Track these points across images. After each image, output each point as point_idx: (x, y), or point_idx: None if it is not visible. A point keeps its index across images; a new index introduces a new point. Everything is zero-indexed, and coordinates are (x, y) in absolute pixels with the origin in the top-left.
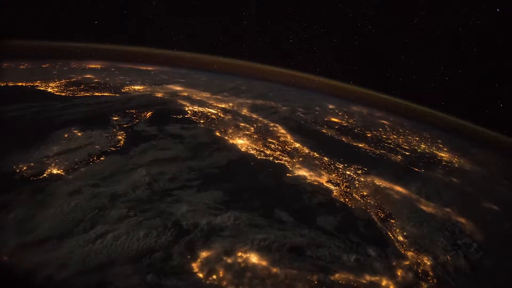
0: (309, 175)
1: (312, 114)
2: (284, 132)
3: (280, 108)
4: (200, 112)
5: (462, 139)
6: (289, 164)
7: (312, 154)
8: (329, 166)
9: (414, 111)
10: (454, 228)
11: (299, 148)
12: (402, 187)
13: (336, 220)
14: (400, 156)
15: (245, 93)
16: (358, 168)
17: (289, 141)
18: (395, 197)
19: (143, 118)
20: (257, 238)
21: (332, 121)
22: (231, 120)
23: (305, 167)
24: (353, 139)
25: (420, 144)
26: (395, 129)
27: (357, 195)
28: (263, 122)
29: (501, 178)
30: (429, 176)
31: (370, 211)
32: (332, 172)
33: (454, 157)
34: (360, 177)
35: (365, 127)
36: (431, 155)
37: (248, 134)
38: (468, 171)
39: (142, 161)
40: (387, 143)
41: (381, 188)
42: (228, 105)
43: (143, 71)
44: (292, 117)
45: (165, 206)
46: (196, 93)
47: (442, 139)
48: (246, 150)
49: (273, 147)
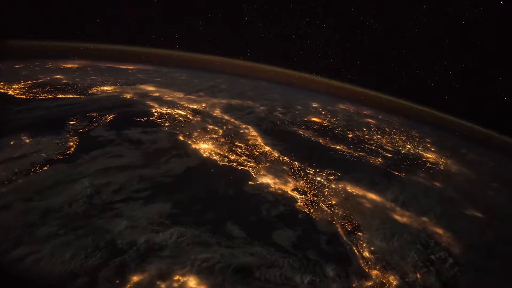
0: (274, 182)
1: (291, 114)
2: (255, 134)
3: (257, 108)
4: (167, 114)
5: (456, 138)
6: (253, 170)
7: (282, 159)
8: (298, 171)
9: (407, 109)
10: (428, 240)
11: (269, 152)
12: (377, 194)
13: (295, 234)
14: (380, 158)
15: (224, 92)
16: (330, 174)
17: (259, 144)
18: (366, 206)
19: (103, 121)
20: (200, 258)
21: (312, 121)
22: (199, 123)
23: (270, 173)
24: (331, 140)
25: (405, 144)
26: (381, 129)
27: (324, 204)
28: (235, 123)
29: (490, 181)
30: (410, 181)
31: (336, 223)
32: (300, 178)
33: (441, 158)
34: (331, 184)
35: (348, 126)
36: (416, 156)
37: (214, 138)
38: (454, 174)
39: (89, 170)
40: (368, 144)
41: (352, 196)
42: (200, 105)
43: (121, 70)
44: (268, 118)
45: (102, 223)
46: (169, 93)
47: (432, 137)
48: (209, 155)
49: (240, 151)
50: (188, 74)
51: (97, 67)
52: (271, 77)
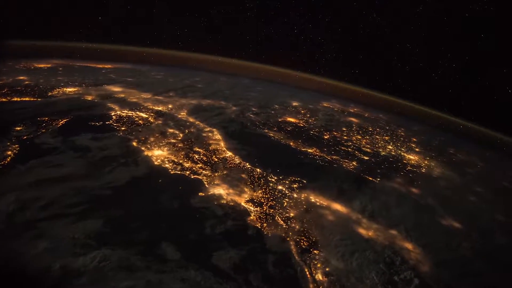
0: (227, 193)
1: (265, 114)
2: (218, 138)
3: (229, 109)
4: (126, 117)
5: (448, 137)
6: (207, 179)
7: (243, 165)
8: (258, 180)
9: (401, 107)
10: (394, 258)
11: (230, 157)
12: (343, 204)
13: (240, 254)
14: (355, 162)
15: (197, 92)
16: (294, 181)
17: (221, 149)
18: (328, 219)
19: (53, 127)
20: (121, 286)
21: (287, 122)
22: (159, 126)
23: (226, 182)
24: (304, 143)
25: (387, 145)
26: (363, 128)
27: (280, 217)
28: (199, 126)
29: (474, 185)
30: (383, 187)
31: (290, 239)
32: (259, 188)
33: (424, 159)
34: (293, 193)
35: (326, 127)
36: (396, 158)
37: (172, 143)
38: (435, 178)
39: (21, 183)
40: (345, 147)
41: (314, 207)
42: (166, 107)
43: (95, 69)
44: (238, 119)
45: (18, 244)
46: (136, 94)
47: (420, 137)
48: (161, 163)
49: (197, 158)
50: (167, 73)
51: (70, 67)
52: (261, 75)
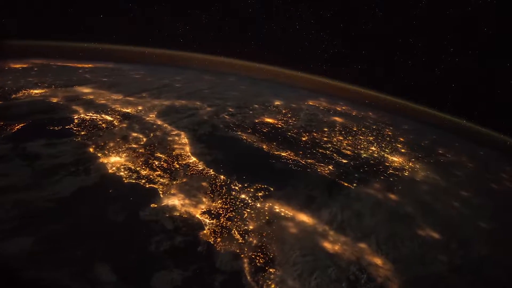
0: (182, 204)
1: (242, 114)
2: (185, 142)
3: (203, 110)
4: (90, 120)
5: (441, 136)
6: (163, 188)
7: (206, 172)
8: (220, 188)
9: (397, 105)
10: (360, 275)
11: (193, 163)
12: (310, 215)
13: (184, 275)
14: (332, 166)
15: (174, 91)
16: (260, 189)
17: (185, 154)
18: (291, 232)
19: (6, 132)
20: None
21: (264, 123)
22: (123, 130)
23: (183, 192)
24: (278, 146)
25: (370, 146)
26: (346, 128)
27: (238, 231)
28: (166, 129)
29: (460, 189)
30: (358, 194)
31: (244, 256)
32: (219, 197)
33: (409, 161)
34: (257, 203)
35: (306, 127)
36: (378, 160)
37: (132, 148)
38: (418, 182)
39: None
40: (323, 149)
41: (278, 218)
42: (135, 109)
43: (72, 69)
44: (211, 121)
45: None
46: (106, 95)
47: (408, 136)
48: (115, 171)
49: (157, 164)
50: (148, 72)
51: (47, 67)
52: (251, 73)
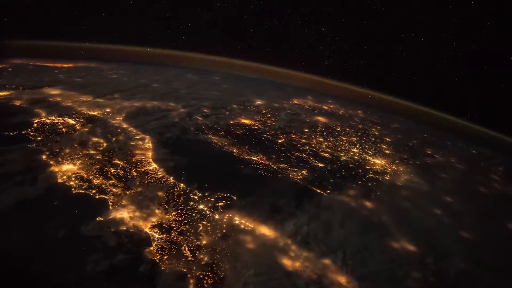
0: (131, 217)
1: (217, 116)
2: (148, 147)
3: (176, 111)
4: (50, 124)
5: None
6: (114, 199)
7: (165, 180)
8: (177, 198)
9: (388, 102)
10: None
11: (152, 171)
12: (272, 227)
13: None
14: (306, 170)
15: (149, 92)
16: (222, 198)
17: (146, 160)
18: (248, 247)
19: None
20: None
21: (240, 124)
22: (84, 134)
23: (135, 203)
24: (250, 149)
25: (352, 147)
26: (329, 128)
27: (188, 247)
28: (130, 133)
29: (445, 194)
30: (330, 202)
31: (192, 276)
32: (175, 208)
33: (392, 164)
34: (215, 214)
35: (285, 128)
36: (358, 163)
37: (89, 155)
38: (398, 187)
39: None
40: (299, 151)
41: (236, 232)
42: (102, 111)
43: (48, 69)
44: (182, 123)
45: None
46: (75, 96)
47: (396, 136)
48: (65, 180)
49: (112, 172)
50: (128, 71)
51: (23, 67)
52: (242, 71)
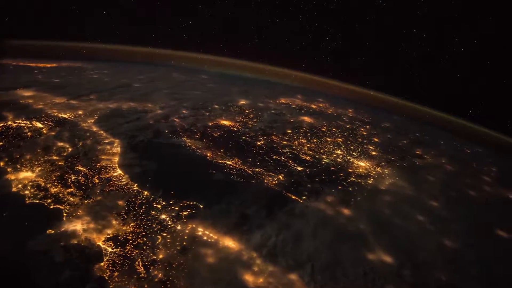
0: (85, 229)
1: (195, 117)
2: (116, 151)
3: (152, 112)
4: (16, 128)
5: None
6: (70, 209)
7: (128, 187)
8: (139, 207)
9: (384, 100)
10: None
11: (116, 177)
12: (237, 238)
13: None
14: (282, 175)
15: (128, 92)
16: (188, 207)
17: (111, 166)
18: (208, 261)
19: None
20: None
21: (219, 126)
22: (49, 139)
23: (91, 213)
24: (226, 152)
25: (336, 149)
26: (314, 129)
27: (143, 262)
28: (99, 137)
29: (430, 198)
30: (305, 210)
31: None
32: (134, 218)
33: (377, 166)
34: (178, 225)
35: (266, 130)
36: (341, 166)
37: (51, 160)
38: (381, 191)
39: None
40: (278, 154)
41: (196, 244)
42: (73, 113)
43: (28, 69)
44: (156, 125)
45: None
46: (48, 98)
47: (385, 136)
48: (20, 189)
49: (73, 179)
50: (112, 71)
51: (2, 67)
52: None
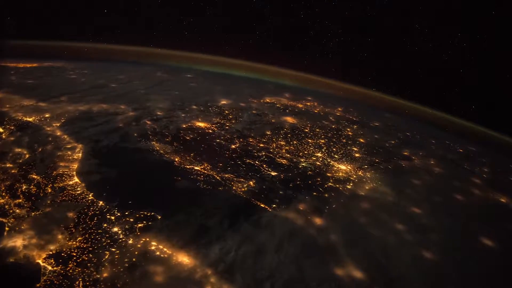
0: (26, 244)
1: (169, 119)
2: (77, 157)
3: (124, 114)
4: None
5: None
6: (13, 223)
7: (83, 197)
8: (90, 219)
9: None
10: None
11: (72, 186)
12: (193, 253)
13: None
14: (254, 181)
15: (101, 94)
16: (143, 218)
17: (68, 174)
18: (156, 280)
19: None
20: None
21: (193, 128)
22: (7, 144)
23: (35, 227)
24: (196, 157)
25: (316, 151)
26: (295, 130)
27: (84, 281)
28: (62, 142)
29: (413, 204)
30: (272, 219)
31: None
32: (83, 232)
33: (359, 169)
34: (130, 238)
35: (243, 131)
36: (319, 170)
37: (3, 168)
38: (359, 198)
39: None
40: (253, 158)
41: (147, 260)
42: (39, 117)
43: (4, 70)
44: (126, 128)
45: None
46: (16, 100)
47: (372, 136)
48: None
49: (23, 189)
50: (91, 71)
51: None
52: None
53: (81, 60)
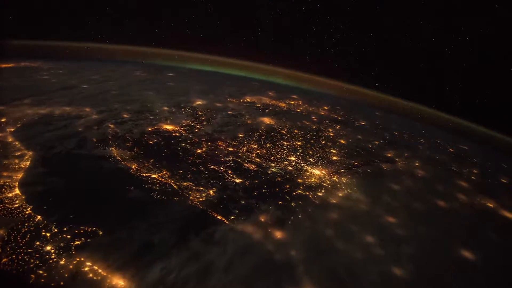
0: None
1: (135, 121)
2: (24, 166)
3: (87, 117)
4: None
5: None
6: None
7: (19, 211)
8: (22, 236)
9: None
10: None
11: (11, 199)
12: (130, 275)
13: None
14: (214, 189)
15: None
16: (83, 234)
17: (9, 185)
18: None
19: None
20: None
21: (160, 131)
22: None
23: None
24: (155, 163)
25: (290, 155)
26: (271, 131)
27: None
28: (11, 149)
29: (388, 213)
30: (227, 234)
31: None
32: (11, 251)
33: (335, 174)
34: (62, 258)
35: (213, 134)
36: (290, 176)
37: None
38: (329, 206)
39: None
40: (217, 164)
41: (77, 283)
42: None
43: None
44: (85, 133)
45: None
46: None
47: (355, 136)
48: None
49: None
50: (67, 71)
51: None
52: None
53: (60, 60)
